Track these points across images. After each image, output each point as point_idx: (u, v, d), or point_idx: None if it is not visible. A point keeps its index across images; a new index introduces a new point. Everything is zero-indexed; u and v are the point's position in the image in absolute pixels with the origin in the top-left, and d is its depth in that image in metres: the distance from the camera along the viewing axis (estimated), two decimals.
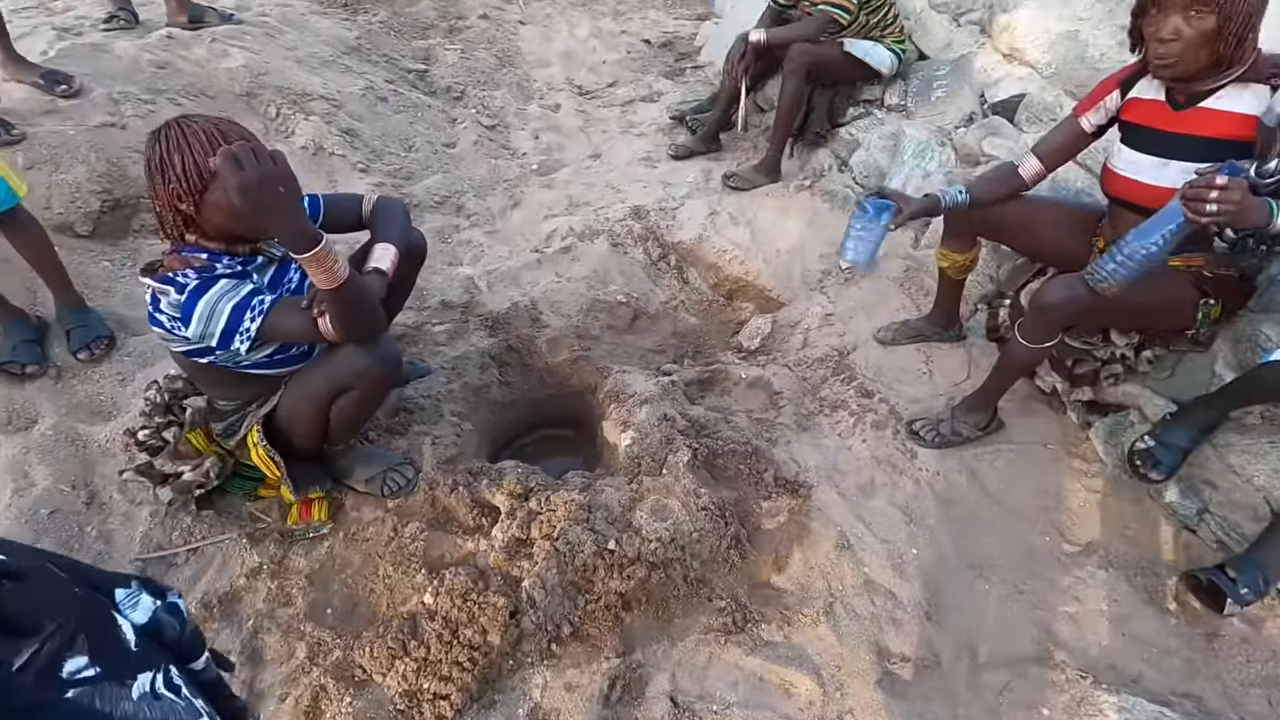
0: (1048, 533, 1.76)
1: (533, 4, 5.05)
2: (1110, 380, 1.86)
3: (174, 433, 1.72)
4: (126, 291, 2.19)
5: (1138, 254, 1.42)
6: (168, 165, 1.32)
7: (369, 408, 1.68)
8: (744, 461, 1.90)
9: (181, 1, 3.05)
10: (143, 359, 2.01)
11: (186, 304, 1.36)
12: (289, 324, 1.42)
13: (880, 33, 2.94)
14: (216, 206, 1.35)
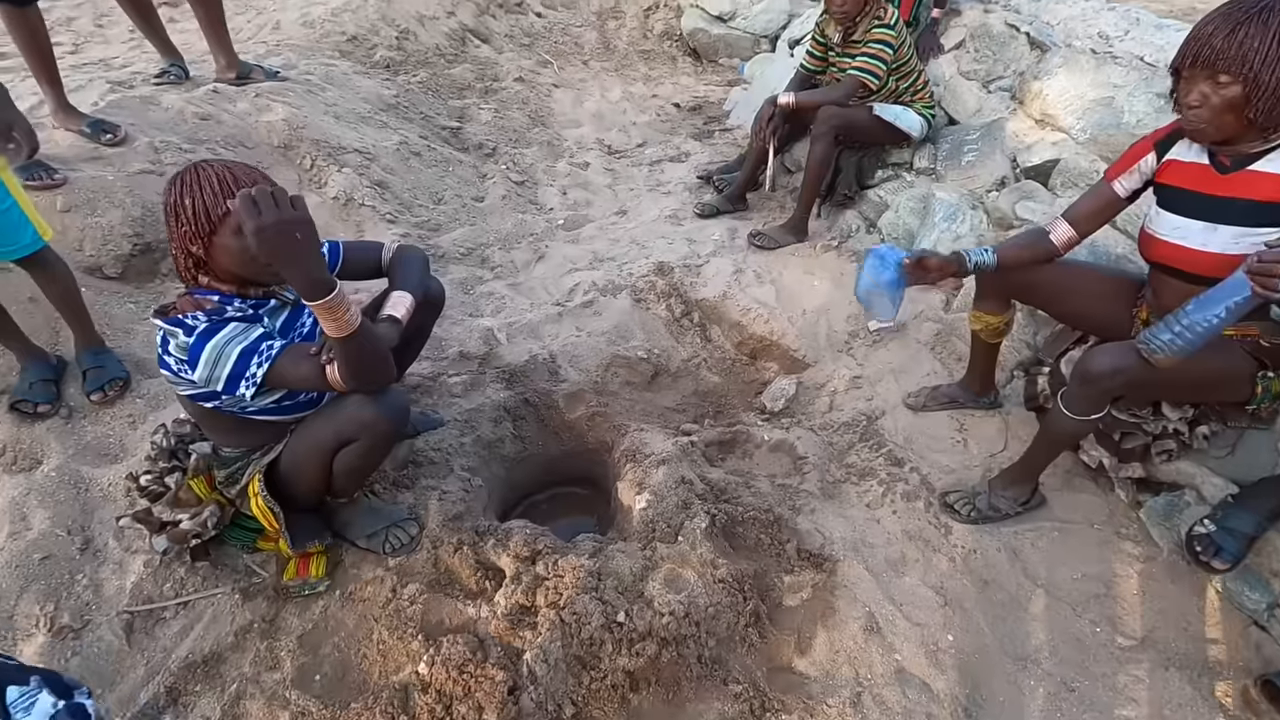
0: (1099, 623, 1.61)
1: (567, 68, 5.21)
2: (1163, 457, 1.73)
3: (176, 479, 1.67)
4: (147, 333, 2.19)
5: (1198, 326, 1.32)
6: (180, 208, 1.33)
7: (374, 460, 1.63)
8: (765, 530, 1.79)
9: (230, 59, 3.18)
10: (155, 401, 1.98)
11: (194, 346, 1.35)
12: (296, 371, 1.39)
13: (910, 97, 2.94)
14: (225, 250, 1.35)
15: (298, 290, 1.26)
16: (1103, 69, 2.57)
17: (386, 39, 4.44)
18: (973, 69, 3.15)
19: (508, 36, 5.27)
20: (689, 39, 5.70)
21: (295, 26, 4.28)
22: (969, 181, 2.82)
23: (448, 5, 4.99)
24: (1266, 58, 1.27)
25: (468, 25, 5.00)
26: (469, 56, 4.78)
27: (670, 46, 5.81)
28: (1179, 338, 1.35)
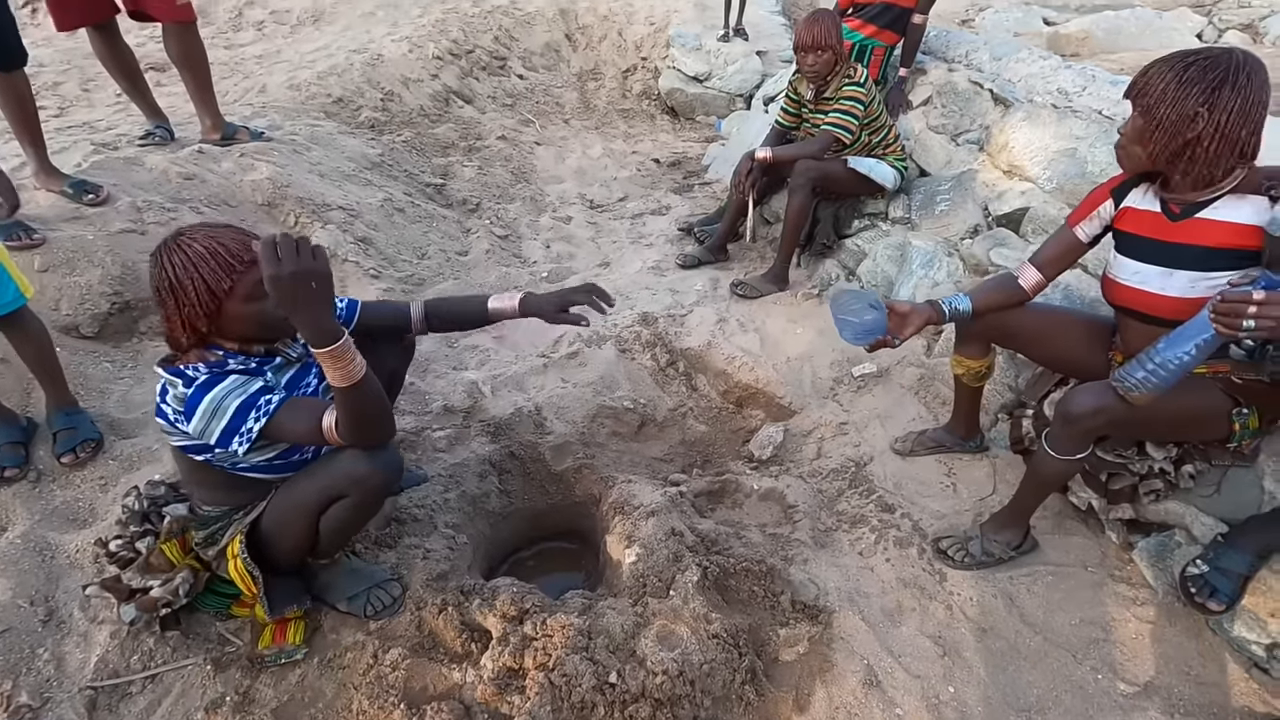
0: (1100, 670, 1.58)
1: (549, 127, 5.35)
2: (1150, 497, 1.73)
3: (148, 543, 1.60)
4: (122, 393, 2.15)
5: (1169, 363, 1.35)
6: (179, 290, 1.31)
7: (364, 517, 1.57)
8: (758, 582, 1.75)
9: (216, 120, 3.23)
10: (129, 463, 1.93)
11: (192, 398, 1.32)
12: (295, 424, 1.36)
13: (882, 151, 3.04)
14: (235, 317, 1.35)
15: (305, 338, 1.25)
16: (1064, 122, 2.68)
17: (371, 100, 4.54)
18: (940, 124, 3.28)
19: (490, 97, 5.41)
20: (666, 98, 5.90)
21: (281, 89, 4.36)
22: (943, 230, 2.89)
23: (432, 68, 5.13)
24: (1162, 95, 1.38)
25: (451, 87, 5.14)
26: (453, 116, 4.89)
27: (648, 105, 6.01)
28: (1152, 375, 1.37)
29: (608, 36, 6.35)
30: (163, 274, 1.33)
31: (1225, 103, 1.33)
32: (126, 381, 2.18)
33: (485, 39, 5.82)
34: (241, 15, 5.87)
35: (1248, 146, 1.39)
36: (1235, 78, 1.34)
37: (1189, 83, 1.35)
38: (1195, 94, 1.35)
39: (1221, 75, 1.34)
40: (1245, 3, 8.79)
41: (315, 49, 5.23)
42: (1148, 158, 1.47)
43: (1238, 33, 7.78)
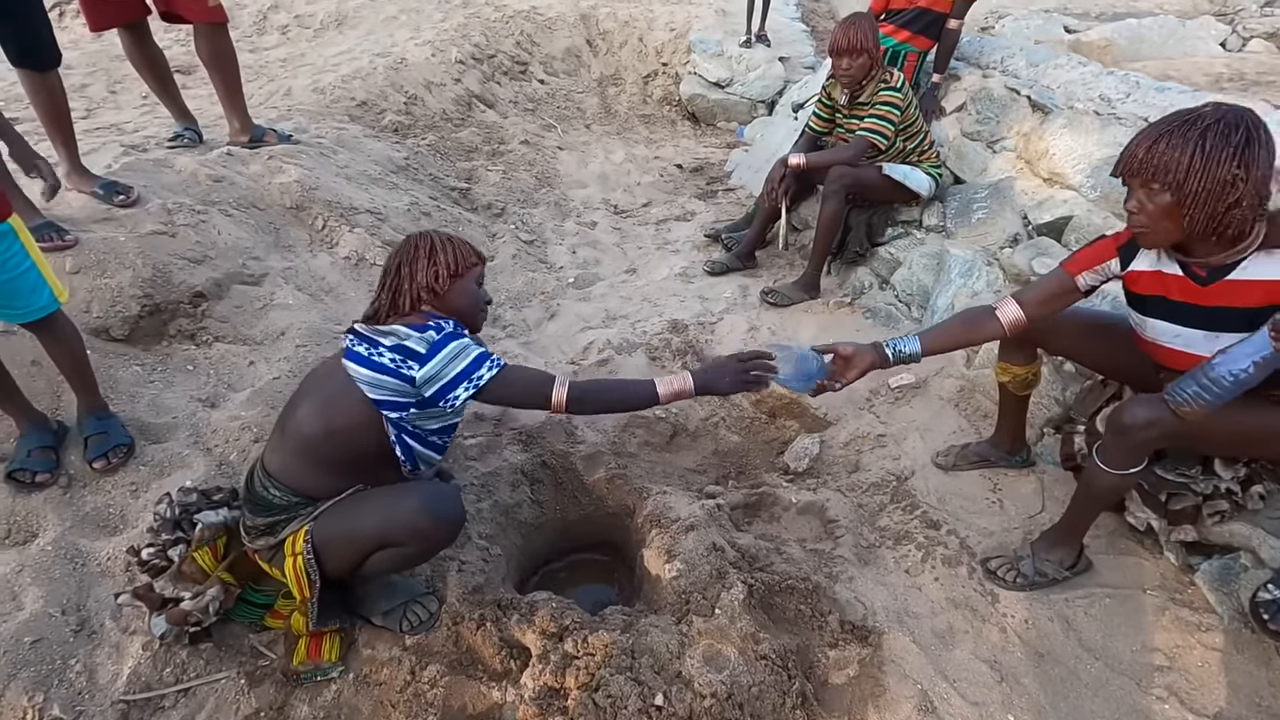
0: (1165, 699, 1.51)
1: (570, 132, 5.32)
2: (1215, 518, 1.66)
3: (180, 550, 1.58)
4: (153, 397, 2.12)
5: (1224, 380, 1.32)
6: (435, 254, 1.54)
7: (416, 564, 1.58)
8: (804, 601, 1.70)
9: (244, 123, 3.22)
10: (160, 468, 1.89)
11: (441, 340, 1.45)
12: (520, 385, 1.52)
13: (917, 157, 2.99)
14: (461, 292, 1.58)
15: None
16: (1108, 129, 2.62)
17: (395, 104, 4.52)
18: (975, 130, 3.22)
19: (512, 102, 5.40)
20: (688, 104, 5.87)
21: (306, 92, 4.36)
22: (981, 238, 2.83)
23: (454, 72, 5.12)
24: (1190, 168, 1.29)
25: (474, 91, 5.13)
26: (475, 121, 4.88)
27: (669, 111, 5.97)
28: (1205, 391, 1.34)
29: (628, 42, 6.33)
30: (424, 241, 1.56)
31: (1259, 159, 1.28)
32: (157, 385, 2.15)
33: (507, 44, 5.81)
34: (266, 19, 5.89)
35: (1267, 194, 1.32)
36: (1257, 134, 1.28)
37: (1216, 149, 1.28)
38: (1227, 159, 1.27)
39: (1245, 134, 1.28)
40: (1270, 11, 8.68)
41: (339, 53, 5.24)
42: (1182, 232, 1.38)
43: (1263, 40, 7.66)
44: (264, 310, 2.52)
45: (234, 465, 1.96)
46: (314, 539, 1.43)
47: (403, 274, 1.54)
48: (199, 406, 2.13)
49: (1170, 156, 1.31)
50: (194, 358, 2.29)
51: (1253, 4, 9.22)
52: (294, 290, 2.63)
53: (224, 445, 2.00)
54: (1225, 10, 9.11)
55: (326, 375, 1.52)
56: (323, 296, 2.72)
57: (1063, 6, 8.84)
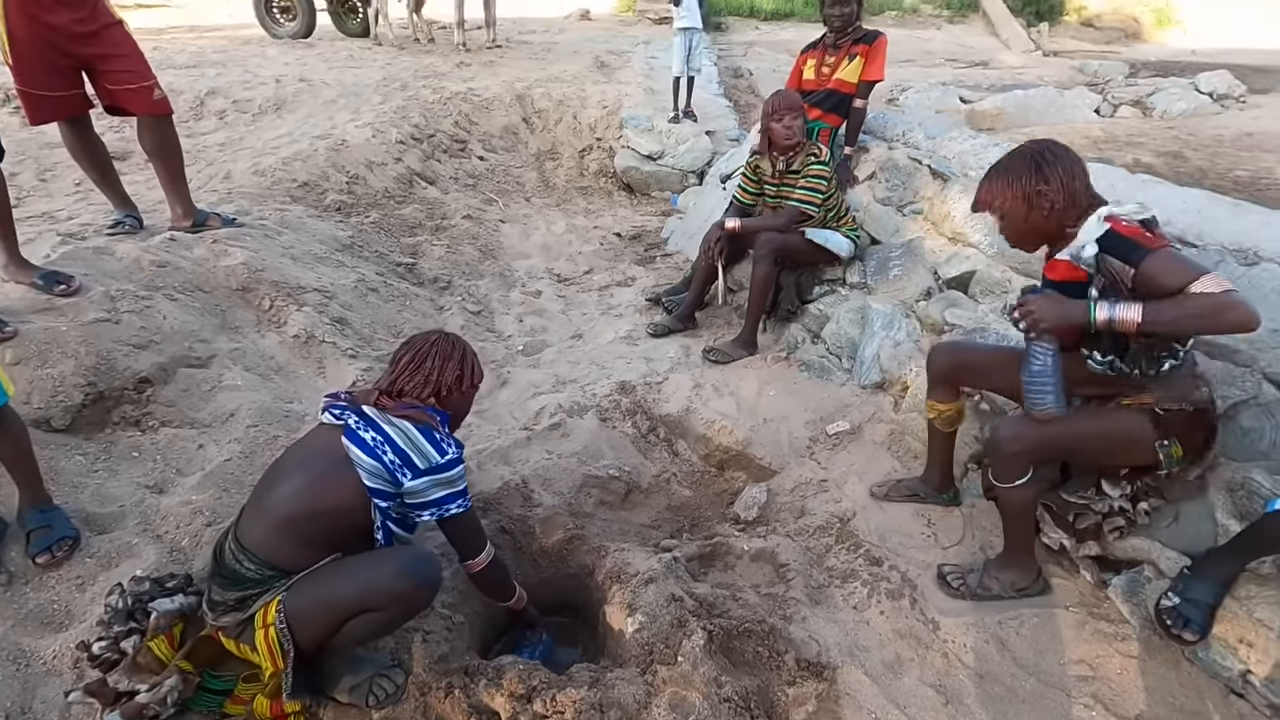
0: (1091, 706, 1.65)
1: (511, 205, 5.51)
2: (1115, 534, 1.85)
3: (134, 642, 1.55)
4: (97, 487, 2.07)
5: (1031, 378, 1.65)
6: (465, 362, 1.71)
7: (388, 631, 1.61)
8: (761, 643, 1.78)
9: (187, 208, 3.24)
10: (108, 559, 1.85)
11: (445, 464, 1.57)
12: (471, 531, 1.71)
13: (836, 223, 3.27)
14: (465, 399, 1.75)
15: None
16: None
17: (337, 184, 4.62)
18: (886, 196, 3.54)
19: (453, 179, 5.57)
20: (623, 176, 6.18)
21: (247, 175, 4.41)
22: (898, 293, 3.09)
23: (395, 152, 5.27)
24: (1005, 192, 1.72)
25: (415, 169, 5.28)
26: (417, 197, 5.00)
27: (606, 183, 6.26)
28: (1031, 391, 1.65)
29: (563, 119, 6.65)
30: (460, 345, 1.73)
31: (1051, 169, 1.66)
32: (101, 474, 2.11)
33: (446, 123, 6.02)
34: (203, 104, 5.94)
35: (1082, 198, 1.68)
36: (1044, 154, 1.69)
37: (1016, 174, 1.70)
38: (1027, 178, 1.68)
39: (1034, 157, 1.69)
40: (1133, 83, 9.82)
41: (278, 135, 5.32)
42: (1036, 235, 1.76)
43: (1129, 107, 8.64)
44: (212, 392, 2.51)
45: (186, 551, 1.93)
46: (286, 609, 1.44)
47: (432, 366, 1.65)
48: (147, 493, 2.10)
49: (994, 189, 1.75)
50: (140, 444, 2.26)
51: (1119, 76, 10.42)
52: (242, 371, 2.64)
53: (175, 531, 1.98)
54: (1096, 81, 10.25)
55: (317, 453, 1.54)
56: (272, 375, 2.73)
57: (957, 80, 9.77)
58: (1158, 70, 10.68)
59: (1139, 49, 13.11)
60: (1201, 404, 1.70)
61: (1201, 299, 1.48)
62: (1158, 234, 1.64)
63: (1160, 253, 1.56)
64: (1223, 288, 1.47)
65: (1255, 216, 2.26)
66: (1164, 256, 1.55)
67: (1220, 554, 1.66)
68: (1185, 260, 1.58)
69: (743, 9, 13.74)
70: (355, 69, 7.47)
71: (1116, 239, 1.61)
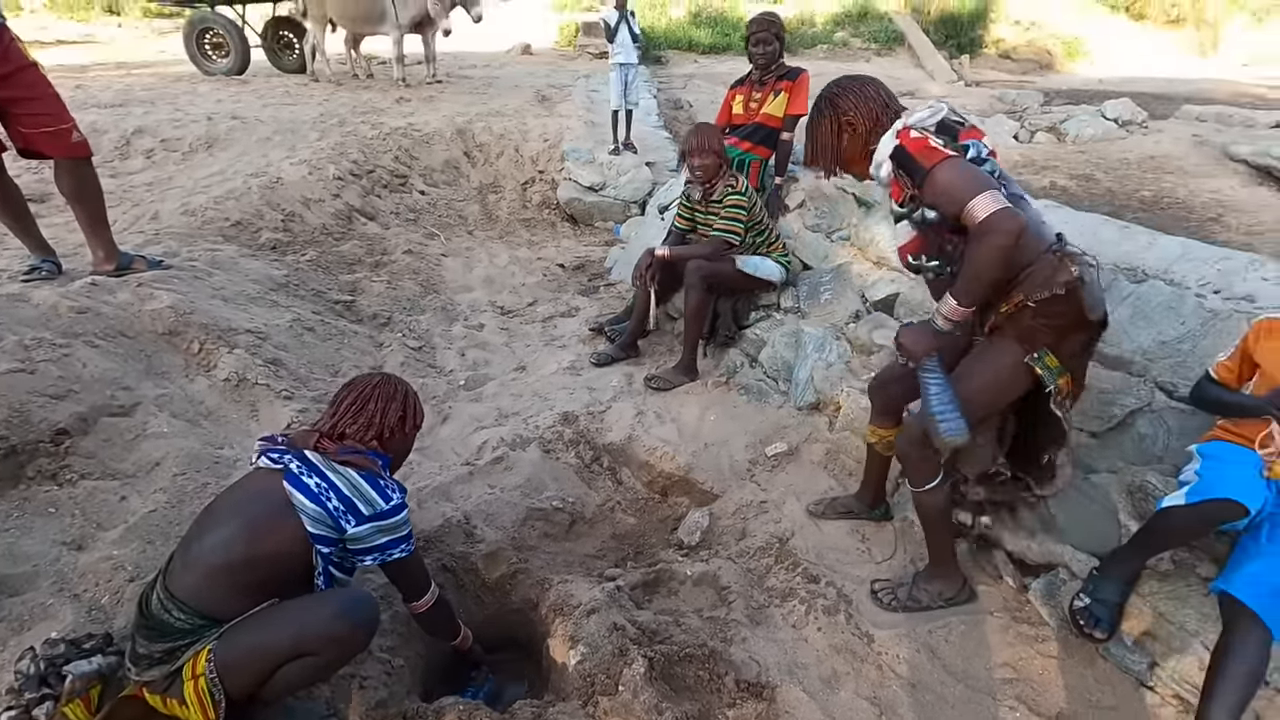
0: (1015, 708, 1.72)
1: (453, 239, 5.51)
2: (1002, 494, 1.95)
3: (46, 709, 1.48)
4: (8, 545, 1.97)
5: (933, 408, 1.66)
6: (410, 401, 1.75)
7: (328, 675, 1.57)
8: (702, 667, 1.81)
9: (109, 250, 3.15)
10: (19, 623, 1.76)
11: (389, 510, 1.58)
12: (416, 573, 1.73)
13: (766, 249, 3.38)
14: (405, 441, 1.78)
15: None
16: None
17: (272, 222, 4.55)
18: (815, 223, 3.69)
19: (394, 213, 5.54)
20: (565, 207, 6.24)
21: (175, 215, 4.31)
22: (829, 316, 3.21)
23: (333, 188, 5.22)
24: (820, 131, 1.84)
25: (354, 205, 5.23)
26: (357, 233, 4.96)
27: (549, 214, 6.32)
28: (940, 421, 1.64)
29: (505, 152, 6.71)
30: (403, 387, 1.75)
31: (843, 98, 1.79)
32: (13, 533, 2.01)
33: (385, 159, 6.00)
34: (129, 144, 5.78)
35: (883, 115, 1.76)
36: (834, 88, 1.82)
37: (819, 116, 1.83)
38: (829, 119, 1.81)
39: (827, 95, 1.82)
40: (1048, 110, 10.48)
41: (209, 174, 5.22)
42: (860, 155, 1.81)
43: (1045, 133, 9.20)
44: (136, 441, 2.43)
45: (107, 609, 1.85)
46: (217, 658, 1.40)
47: (375, 408, 1.67)
48: (63, 550, 2.00)
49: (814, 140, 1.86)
50: (56, 499, 2.17)
51: (1034, 104, 11.10)
52: (169, 417, 2.56)
53: (94, 589, 1.89)
54: (1014, 109, 10.89)
55: (254, 497, 1.52)
56: (201, 421, 2.66)
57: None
58: (1069, 98, 11.40)
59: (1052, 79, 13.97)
60: (1070, 284, 1.61)
61: (972, 256, 1.54)
62: (964, 133, 1.69)
63: (936, 170, 1.57)
64: (989, 209, 1.49)
65: (1142, 238, 2.45)
66: (939, 176, 1.57)
67: (1122, 553, 1.77)
68: (960, 174, 1.56)
69: (682, 43, 14.10)
70: (291, 105, 7.39)
71: (904, 155, 1.64)
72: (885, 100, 1.79)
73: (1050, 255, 1.65)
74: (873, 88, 1.80)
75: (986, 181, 1.56)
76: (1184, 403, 2.00)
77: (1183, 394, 2.01)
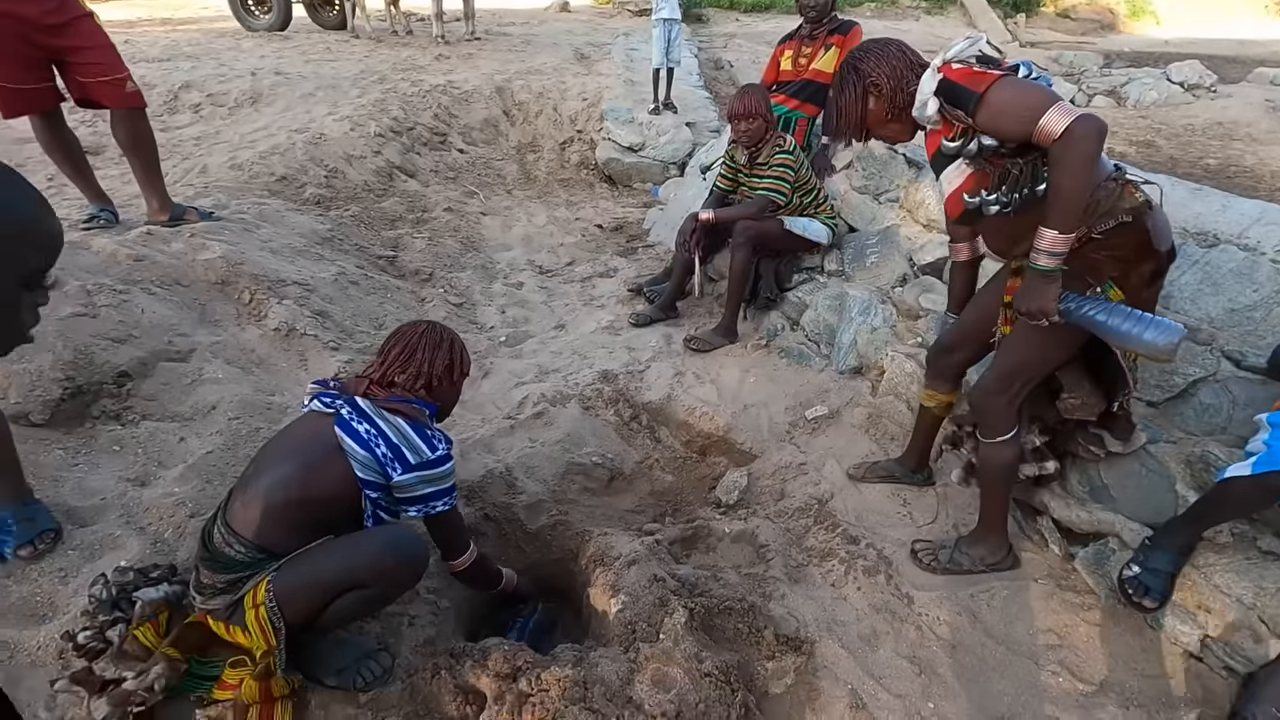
0: (1059, 673, 1.71)
1: (492, 198, 5.51)
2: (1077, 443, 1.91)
3: (119, 630, 1.56)
4: (78, 480, 2.07)
5: (1118, 327, 1.52)
6: (457, 350, 1.75)
7: (378, 608, 1.64)
8: (741, 620, 1.82)
9: (164, 201, 3.22)
10: (90, 551, 1.85)
11: (435, 460, 1.60)
12: (456, 528, 1.75)
13: (813, 210, 3.31)
14: (454, 390, 1.77)
15: None
16: None
17: (315, 178, 4.59)
18: (863, 185, 3.59)
19: (433, 171, 5.55)
20: (604, 168, 6.18)
21: (223, 169, 4.37)
22: (875, 279, 3.14)
23: (374, 145, 5.24)
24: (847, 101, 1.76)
25: (394, 162, 5.25)
26: (397, 190, 4.99)
27: (587, 174, 6.27)
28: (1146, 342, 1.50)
29: (544, 112, 6.64)
30: (448, 335, 1.74)
31: (864, 63, 1.71)
32: (82, 468, 2.11)
33: (425, 116, 5.99)
34: (177, 98, 5.87)
35: (908, 70, 1.68)
36: (852, 58, 1.74)
37: (845, 85, 1.74)
38: (851, 84, 1.72)
39: (847, 66, 1.74)
40: (1107, 73, 9.98)
41: (255, 129, 5.27)
42: (898, 123, 1.73)
43: (1103, 97, 8.78)
44: (192, 386, 2.51)
45: (169, 543, 1.94)
46: (275, 588, 1.46)
47: (423, 357, 1.68)
48: (129, 486, 2.09)
49: (844, 111, 1.76)
50: (120, 438, 2.26)
51: (1093, 67, 10.58)
52: (223, 364, 2.63)
53: (158, 523, 1.98)
54: (1071, 71, 10.40)
55: (307, 440, 1.56)
56: (253, 369, 2.73)
57: None
58: (1131, 61, 10.84)
59: (1113, 39, 13.29)
60: (1136, 210, 1.54)
61: (1060, 175, 1.41)
62: (1003, 64, 1.56)
63: (990, 93, 1.46)
64: (1065, 119, 1.38)
65: (1215, 200, 2.33)
66: (996, 98, 1.46)
67: (1178, 523, 1.72)
68: (1021, 91, 1.46)
69: (723, 2, 13.73)
70: (332, 62, 7.40)
71: (950, 88, 1.54)
72: (909, 57, 1.71)
73: (1111, 183, 1.55)
74: (895, 46, 1.72)
75: (1051, 93, 1.46)
76: (1253, 372, 1.92)
77: (1252, 363, 1.93)
